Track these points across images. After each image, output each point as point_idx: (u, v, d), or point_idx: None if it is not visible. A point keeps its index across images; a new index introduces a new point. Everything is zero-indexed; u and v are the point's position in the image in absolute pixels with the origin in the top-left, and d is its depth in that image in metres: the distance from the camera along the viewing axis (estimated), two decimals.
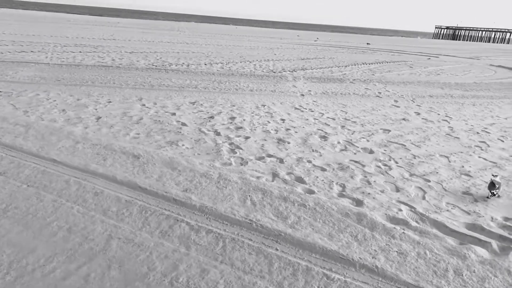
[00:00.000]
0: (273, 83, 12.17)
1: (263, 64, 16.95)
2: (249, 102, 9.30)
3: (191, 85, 11.04)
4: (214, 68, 14.50)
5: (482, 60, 27.02)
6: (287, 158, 5.72)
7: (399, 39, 66.08)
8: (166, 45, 22.95)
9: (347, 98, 10.58)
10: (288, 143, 6.44)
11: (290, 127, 7.39)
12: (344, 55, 24.00)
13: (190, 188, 4.58)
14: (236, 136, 6.63)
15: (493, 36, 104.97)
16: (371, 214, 4.17)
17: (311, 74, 14.71)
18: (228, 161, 5.48)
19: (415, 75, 16.19)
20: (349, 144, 6.60)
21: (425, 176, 5.41)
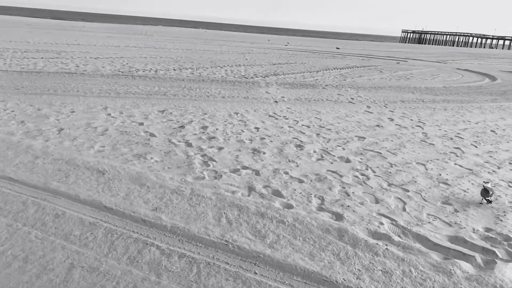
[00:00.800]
0: (246, 90, 11.95)
1: (235, 69, 16.72)
2: (221, 110, 9.03)
3: (160, 92, 10.67)
4: (184, 74, 14.15)
5: (449, 64, 27.70)
6: (263, 170, 5.48)
7: (368, 43, 67.30)
8: (133, 50, 22.38)
9: (320, 104, 10.47)
10: (264, 153, 6.21)
11: (265, 136, 7.17)
12: (315, 60, 24.08)
13: (160, 207, 4.27)
14: (208, 147, 6.35)
15: (457, 40, 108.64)
16: (352, 229, 3.98)
17: (283, 79, 14.58)
18: (200, 174, 5.20)
19: (386, 80, 16.33)
20: (325, 153, 6.43)
21: (403, 186, 5.29)
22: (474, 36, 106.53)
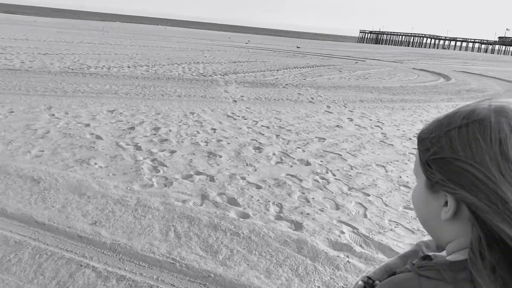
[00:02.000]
0: (204, 88, 11.52)
1: (193, 67, 16.21)
2: (176, 110, 8.57)
3: (111, 90, 10.05)
4: (138, 71, 13.52)
5: (405, 64, 28.33)
6: (218, 175, 5.12)
7: (327, 43, 68.22)
8: (87, 46, 21.35)
9: (280, 104, 10.21)
10: (220, 156, 5.84)
11: (222, 137, 6.81)
12: (275, 59, 23.91)
13: (101, 220, 3.82)
14: (160, 150, 5.91)
15: (412, 40, 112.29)
16: (311, 240, 3.70)
17: (243, 78, 14.25)
18: (149, 182, 4.77)
19: (345, 79, 16.35)
20: (284, 156, 6.15)
21: (364, 190, 5.09)
22: (428, 37, 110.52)
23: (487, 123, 0.66)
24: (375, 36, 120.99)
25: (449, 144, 0.69)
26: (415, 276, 0.70)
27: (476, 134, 0.67)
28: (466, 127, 0.68)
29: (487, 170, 0.64)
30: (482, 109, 0.69)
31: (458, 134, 0.68)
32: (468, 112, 0.70)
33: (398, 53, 46.48)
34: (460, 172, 0.67)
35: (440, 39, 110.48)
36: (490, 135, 0.65)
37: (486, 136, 0.66)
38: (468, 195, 0.66)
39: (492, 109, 0.68)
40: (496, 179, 0.63)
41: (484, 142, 0.65)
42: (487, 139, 0.65)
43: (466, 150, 0.67)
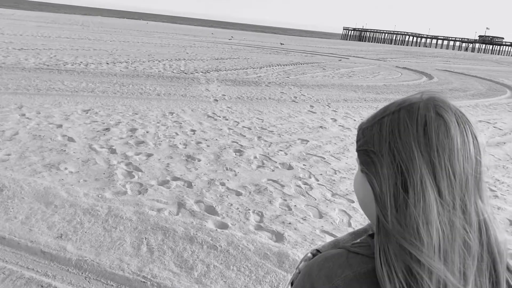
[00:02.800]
0: (184, 86, 11.22)
1: (174, 64, 15.86)
2: (155, 109, 8.27)
3: (87, 88, 9.67)
4: (117, 68, 13.12)
5: (388, 62, 28.41)
6: (196, 181, 4.88)
7: (311, 40, 68.25)
8: (65, 41, 20.75)
9: (263, 103, 9.99)
10: (199, 160, 5.60)
11: (202, 139, 6.55)
12: (258, 56, 23.67)
13: (67, 233, 3.54)
14: (135, 153, 5.63)
15: (395, 38, 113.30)
16: (293, 253, 3.50)
17: (225, 76, 13.98)
18: (122, 188, 4.50)
19: (328, 78, 16.22)
20: (266, 159, 5.93)
21: (348, 196, 4.92)
22: (410, 35, 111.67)
23: (416, 107, 0.71)
24: (359, 33, 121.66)
25: (379, 130, 0.74)
26: (344, 252, 0.75)
27: (405, 117, 0.71)
28: (398, 112, 0.73)
29: (407, 153, 0.69)
30: (414, 98, 0.74)
31: (389, 119, 0.73)
32: (401, 101, 0.75)
33: (381, 51, 46.74)
34: (371, 163, 0.74)
35: (422, 37, 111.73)
36: (417, 117, 0.70)
37: (413, 118, 0.70)
38: (372, 180, 0.73)
39: (423, 97, 0.73)
40: (410, 161, 0.68)
41: (411, 123, 0.70)
42: (413, 120, 0.70)
43: (394, 132, 0.71)
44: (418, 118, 0.70)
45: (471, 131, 0.70)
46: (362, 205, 0.81)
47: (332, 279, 0.72)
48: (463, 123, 0.70)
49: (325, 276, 0.73)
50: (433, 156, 0.68)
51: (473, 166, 0.69)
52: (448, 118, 0.69)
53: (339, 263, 0.73)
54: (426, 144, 0.68)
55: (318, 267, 0.76)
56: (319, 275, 0.74)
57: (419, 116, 0.70)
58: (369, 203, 0.76)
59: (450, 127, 0.69)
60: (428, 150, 0.68)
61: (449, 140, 0.68)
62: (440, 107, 0.71)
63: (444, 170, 0.67)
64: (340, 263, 0.73)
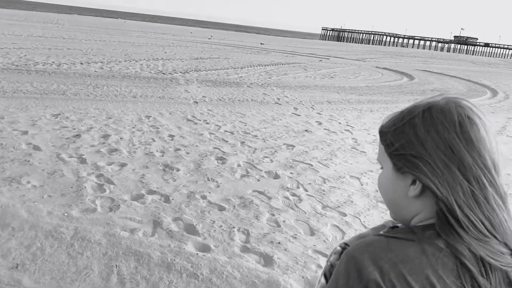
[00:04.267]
0: (162, 87, 10.72)
1: (152, 63, 15.30)
2: (130, 113, 7.76)
3: (58, 90, 9.07)
4: (92, 69, 12.49)
5: (368, 62, 28.39)
6: (175, 195, 4.44)
7: (290, 40, 68.16)
8: (37, 40, 19.87)
9: (245, 105, 9.59)
10: (178, 170, 5.15)
11: (181, 146, 6.11)
12: (239, 55, 23.24)
13: (25, 262, 3.07)
14: (107, 163, 5.14)
15: (372, 38, 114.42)
16: (284, 280, 3.11)
17: (205, 76, 13.51)
18: (91, 205, 4.03)
19: (311, 79, 15.93)
20: (251, 167, 5.54)
21: (339, 208, 4.57)
22: (388, 35, 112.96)
23: (447, 108, 0.78)
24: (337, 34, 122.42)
25: (413, 131, 0.80)
26: (384, 238, 0.80)
27: (439, 117, 0.78)
28: (429, 111, 0.79)
29: (447, 153, 0.76)
30: (440, 100, 0.81)
31: (422, 119, 0.80)
32: (426, 103, 0.82)
33: (360, 51, 46.92)
34: (418, 164, 0.78)
35: (399, 37, 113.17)
36: (452, 118, 0.77)
37: (448, 119, 0.77)
38: (427, 180, 0.77)
39: (449, 100, 0.80)
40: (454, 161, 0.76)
41: (447, 123, 0.77)
42: (450, 121, 0.77)
43: (431, 133, 0.77)
44: (454, 119, 0.77)
45: (491, 130, 0.79)
46: (391, 203, 0.87)
47: (377, 261, 0.75)
48: (484, 124, 0.78)
49: (370, 258, 0.76)
50: (477, 154, 0.75)
51: (496, 161, 0.77)
52: (477, 119, 0.78)
53: (381, 246, 0.77)
54: (467, 142, 0.76)
55: (360, 251, 0.79)
56: (363, 257, 0.77)
57: (454, 117, 0.77)
58: (400, 201, 0.83)
59: (479, 127, 0.77)
60: (469, 148, 0.75)
61: (481, 138, 0.76)
62: (468, 108, 0.78)
63: (486, 166, 0.75)
64: (383, 247, 0.77)
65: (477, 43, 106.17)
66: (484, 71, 30.54)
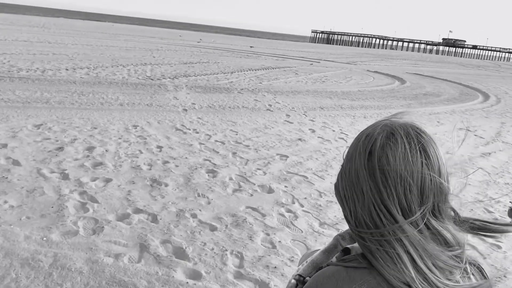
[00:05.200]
0: (150, 94, 10.43)
1: (139, 69, 14.98)
2: (116, 122, 7.47)
3: (42, 98, 8.74)
4: (77, 75, 12.15)
5: (359, 65, 28.33)
6: (163, 213, 4.17)
7: (280, 43, 68.14)
8: (22, 45, 19.42)
9: (236, 113, 9.34)
10: (166, 185, 4.89)
11: (169, 158, 5.84)
12: (229, 59, 23.00)
13: None
14: (92, 179, 4.86)
15: (362, 40, 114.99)
16: None
17: (194, 82, 13.24)
18: (73, 227, 3.75)
19: (302, 83, 15.74)
20: (243, 180, 5.29)
21: (337, 226, 4.34)
22: (377, 38, 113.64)
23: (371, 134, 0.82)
24: (327, 36, 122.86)
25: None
26: (342, 268, 0.80)
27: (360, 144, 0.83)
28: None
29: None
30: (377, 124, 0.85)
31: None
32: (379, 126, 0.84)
33: (350, 54, 46.98)
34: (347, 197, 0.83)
35: (388, 40, 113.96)
36: (367, 144, 0.80)
37: (364, 144, 0.81)
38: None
39: (383, 124, 0.83)
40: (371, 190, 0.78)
41: (362, 149, 0.81)
42: (362, 147, 0.81)
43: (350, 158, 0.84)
44: (367, 145, 0.80)
45: (425, 151, 0.78)
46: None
47: None
48: (415, 145, 0.78)
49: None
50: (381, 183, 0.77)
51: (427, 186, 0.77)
52: (398, 144, 0.78)
53: (342, 278, 0.78)
54: (371, 170, 0.78)
55: (324, 285, 0.80)
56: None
57: (368, 143, 0.80)
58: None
59: (395, 153, 0.77)
60: (373, 177, 0.78)
61: (393, 164, 0.77)
62: (394, 133, 0.79)
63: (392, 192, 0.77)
64: (343, 278, 0.78)
65: (465, 45, 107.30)
66: (474, 74, 30.69)
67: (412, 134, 0.78)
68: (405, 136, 0.78)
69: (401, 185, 0.76)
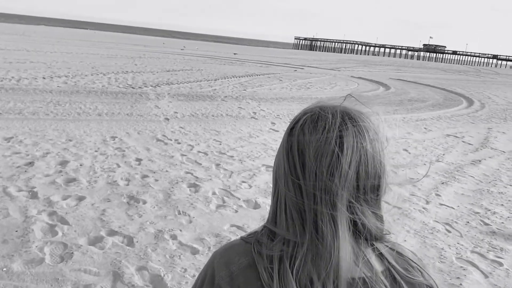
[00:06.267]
0: (131, 103, 10.05)
1: (120, 77, 14.57)
2: (93, 134, 7.08)
3: (15, 109, 8.29)
4: (55, 83, 11.70)
5: (343, 72, 28.32)
6: (140, 235, 3.83)
7: (264, 49, 68.19)
8: None
9: (220, 121, 9.02)
10: (144, 202, 4.54)
11: (149, 172, 5.49)
12: (212, 66, 22.71)
13: None
14: (63, 197, 4.48)
15: (344, 47, 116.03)
16: None
17: (177, 90, 12.89)
18: (39, 254, 3.38)
19: (287, 90, 15.53)
20: (227, 195, 4.97)
21: None
22: (359, 44, 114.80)
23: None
24: (310, 43, 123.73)
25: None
26: (243, 242, 0.84)
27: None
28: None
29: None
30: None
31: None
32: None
33: (333, 60, 47.17)
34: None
35: (371, 46, 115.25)
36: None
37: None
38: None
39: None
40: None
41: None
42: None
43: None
44: (292, 122, 0.82)
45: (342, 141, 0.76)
46: None
47: (229, 266, 0.81)
48: (333, 130, 0.76)
49: (224, 263, 0.82)
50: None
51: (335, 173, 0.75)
52: (317, 125, 0.77)
53: (238, 251, 0.82)
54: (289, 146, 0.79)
55: (220, 255, 0.84)
56: (220, 262, 0.83)
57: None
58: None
59: (312, 132, 0.77)
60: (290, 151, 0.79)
61: (306, 141, 0.77)
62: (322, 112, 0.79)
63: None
64: (238, 251, 0.82)
65: (445, 51, 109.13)
66: (456, 79, 30.98)
67: (337, 117, 0.77)
68: (331, 116, 0.77)
69: (312, 165, 0.75)
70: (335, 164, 0.74)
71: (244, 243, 0.82)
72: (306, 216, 0.75)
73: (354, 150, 0.75)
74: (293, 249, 0.76)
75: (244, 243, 0.82)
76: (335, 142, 0.74)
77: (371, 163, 0.76)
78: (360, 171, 0.75)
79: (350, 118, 0.77)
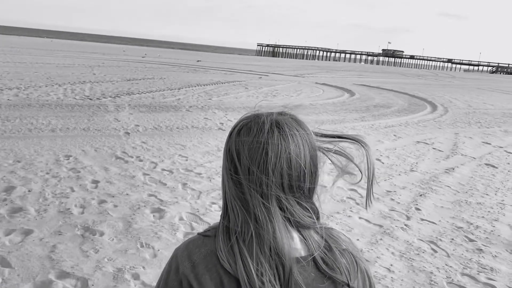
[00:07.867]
0: (88, 116, 9.38)
1: (77, 87, 13.77)
2: (45, 153, 6.44)
3: None
4: (4, 97, 10.82)
5: (307, 78, 28.34)
6: (95, 276, 3.31)
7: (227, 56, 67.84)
8: None
9: (185, 134, 8.53)
10: (101, 234, 4.01)
11: (107, 196, 4.95)
12: (176, 74, 22.09)
13: None
14: (6, 232, 3.88)
15: (306, 53, 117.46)
16: None
17: (138, 100, 12.27)
18: None
19: (253, 98, 15.19)
20: (196, 220, 4.52)
21: None
22: (321, 50, 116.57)
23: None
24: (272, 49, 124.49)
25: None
26: (201, 236, 0.94)
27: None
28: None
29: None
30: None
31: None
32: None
33: (296, 66, 47.40)
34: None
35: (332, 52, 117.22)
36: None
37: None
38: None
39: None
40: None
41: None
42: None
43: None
44: (234, 127, 0.94)
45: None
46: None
47: (191, 256, 0.90)
48: (262, 134, 0.88)
49: (187, 255, 0.91)
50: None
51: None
52: (252, 130, 0.89)
53: (197, 244, 0.92)
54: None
55: (181, 250, 0.93)
56: (182, 255, 0.91)
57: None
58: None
59: (246, 137, 0.89)
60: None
61: (241, 144, 0.89)
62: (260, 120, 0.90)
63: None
64: (198, 244, 0.92)
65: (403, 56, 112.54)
66: (416, 83, 31.70)
67: (267, 124, 0.88)
68: (262, 124, 0.88)
69: (246, 163, 0.87)
70: (264, 163, 0.86)
71: (202, 237, 0.93)
72: (248, 207, 0.87)
73: (278, 153, 0.86)
74: (244, 236, 0.87)
75: (202, 237, 0.93)
76: (263, 145, 0.86)
77: (295, 165, 0.87)
78: (284, 171, 0.86)
79: (278, 126, 0.88)
